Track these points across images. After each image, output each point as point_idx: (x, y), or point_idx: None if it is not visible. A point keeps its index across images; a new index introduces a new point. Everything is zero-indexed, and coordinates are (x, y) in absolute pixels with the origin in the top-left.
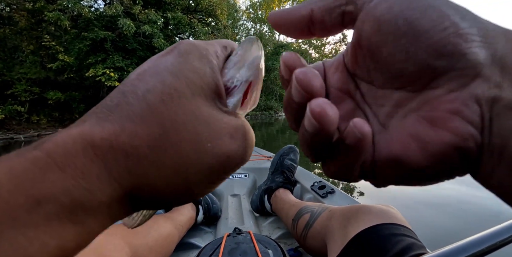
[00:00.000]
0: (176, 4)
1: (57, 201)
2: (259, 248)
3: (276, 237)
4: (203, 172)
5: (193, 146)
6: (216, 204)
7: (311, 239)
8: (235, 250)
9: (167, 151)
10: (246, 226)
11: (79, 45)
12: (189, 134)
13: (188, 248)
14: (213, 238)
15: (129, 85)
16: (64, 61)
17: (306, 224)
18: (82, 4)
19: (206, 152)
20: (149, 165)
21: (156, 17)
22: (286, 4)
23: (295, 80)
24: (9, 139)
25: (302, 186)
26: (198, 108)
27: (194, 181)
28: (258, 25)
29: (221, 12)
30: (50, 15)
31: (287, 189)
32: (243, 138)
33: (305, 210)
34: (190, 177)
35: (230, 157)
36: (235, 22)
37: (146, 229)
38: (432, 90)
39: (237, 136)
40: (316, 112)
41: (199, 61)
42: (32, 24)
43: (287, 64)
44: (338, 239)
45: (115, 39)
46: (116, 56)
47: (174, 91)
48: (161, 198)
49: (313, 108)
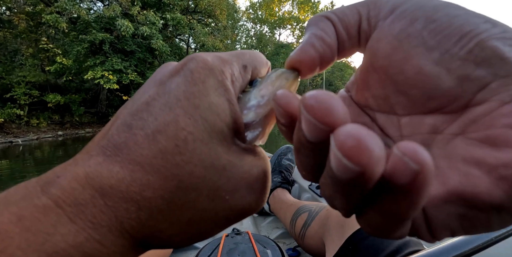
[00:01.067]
0: (175, 4)
1: (68, 256)
2: (257, 248)
3: (275, 237)
4: (219, 223)
5: (211, 201)
6: None
7: (309, 238)
8: (233, 250)
9: (184, 205)
10: (245, 226)
11: (78, 47)
12: (207, 187)
13: (186, 249)
14: (212, 239)
15: (137, 118)
16: (62, 64)
17: (304, 224)
18: (80, 6)
19: (223, 206)
20: (163, 219)
21: (155, 18)
22: (286, 4)
23: (304, 110)
24: (8, 143)
25: (300, 185)
26: (216, 156)
27: (207, 230)
28: (258, 25)
29: (221, 12)
30: (48, 17)
31: (285, 189)
32: (262, 188)
33: (303, 210)
34: (204, 228)
35: (247, 209)
36: (235, 22)
37: None
38: (477, 107)
39: (257, 186)
40: (349, 147)
41: (216, 93)
42: (31, 27)
43: (281, 103)
44: (335, 237)
45: (114, 41)
46: (115, 59)
47: (189, 134)
48: (173, 244)
49: (343, 142)
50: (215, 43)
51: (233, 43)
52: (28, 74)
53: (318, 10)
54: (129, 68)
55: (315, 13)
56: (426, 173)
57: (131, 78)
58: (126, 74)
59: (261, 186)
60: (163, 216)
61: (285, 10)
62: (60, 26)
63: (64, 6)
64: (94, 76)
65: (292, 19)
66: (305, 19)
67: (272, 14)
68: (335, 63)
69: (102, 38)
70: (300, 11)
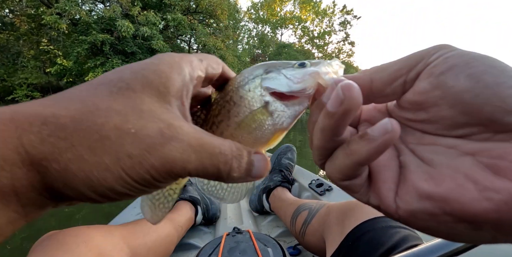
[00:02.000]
0: (176, 5)
1: None
2: (258, 247)
3: (275, 236)
4: (121, 159)
5: (116, 129)
6: (215, 204)
7: (309, 236)
8: (234, 249)
9: (90, 128)
10: (245, 225)
11: (78, 49)
12: (118, 120)
13: (187, 249)
14: (213, 238)
15: (96, 78)
16: (62, 65)
17: (304, 221)
18: (81, 7)
19: (127, 139)
20: (65, 137)
21: (155, 18)
22: (287, 4)
23: (341, 89)
24: None
25: (300, 184)
26: (141, 102)
27: (108, 168)
28: (260, 25)
29: (222, 12)
30: (48, 18)
31: (285, 188)
32: (173, 138)
33: (303, 208)
34: (105, 162)
35: (152, 148)
36: (236, 23)
37: (145, 229)
38: (498, 142)
39: (167, 133)
40: (346, 85)
41: (168, 66)
42: (33, 29)
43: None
44: (335, 234)
45: (114, 42)
46: (115, 60)
47: (125, 85)
48: (71, 183)
49: (344, 84)
50: (217, 43)
51: (234, 43)
52: (30, 76)
53: (320, 10)
54: None
55: (317, 13)
56: (392, 134)
57: None
58: None
59: (172, 135)
60: (65, 133)
61: (286, 10)
62: (60, 27)
63: (64, 7)
64: (95, 78)
65: (294, 19)
66: (307, 19)
67: (273, 14)
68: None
69: (102, 39)
70: (302, 10)
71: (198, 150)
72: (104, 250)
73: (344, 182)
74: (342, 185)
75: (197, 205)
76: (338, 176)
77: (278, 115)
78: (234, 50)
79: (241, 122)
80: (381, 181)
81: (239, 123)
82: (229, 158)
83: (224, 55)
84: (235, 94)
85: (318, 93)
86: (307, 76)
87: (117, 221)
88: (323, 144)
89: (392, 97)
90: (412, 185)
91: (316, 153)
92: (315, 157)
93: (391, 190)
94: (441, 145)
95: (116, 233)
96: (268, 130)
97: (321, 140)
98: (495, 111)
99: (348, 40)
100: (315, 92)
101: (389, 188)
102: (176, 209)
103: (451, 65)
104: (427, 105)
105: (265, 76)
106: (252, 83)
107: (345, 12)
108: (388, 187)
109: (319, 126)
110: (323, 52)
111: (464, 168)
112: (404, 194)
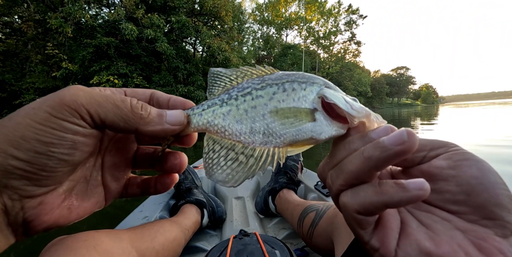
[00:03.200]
0: (180, 7)
1: None
2: (266, 249)
3: (282, 238)
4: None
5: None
6: (221, 207)
7: (317, 237)
8: (242, 251)
9: None
10: (252, 227)
11: (83, 52)
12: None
13: (195, 252)
14: (219, 241)
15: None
16: (68, 69)
17: (312, 223)
18: (86, 11)
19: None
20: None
21: (159, 21)
22: (292, 4)
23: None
24: None
25: (306, 185)
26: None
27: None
28: (265, 27)
29: (226, 13)
30: (53, 22)
31: (291, 189)
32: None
33: (310, 209)
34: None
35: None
36: (241, 24)
37: (153, 233)
38: (482, 227)
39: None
40: (411, 131)
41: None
42: (39, 34)
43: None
44: (344, 235)
45: (119, 45)
46: (120, 63)
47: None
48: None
49: (409, 130)
50: (221, 45)
51: (240, 45)
52: (37, 80)
53: (325, 10)
54: (134, 72)
55: (322, 13)
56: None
57: (136, 82)
58: (131, 78)
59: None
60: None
61: (291, 11)
62: (65, 30)
63: (69, 11)
64: (100, 81)
65: (299, 20)
66: (312, 19)
67: (278, 15)
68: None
69: (107, 42)
70: (307, 11)
71: (102, 100)
72: (114, 254)
73: (359, 215)
74: (355, 217)
75: (203, 208)
76: (356, 208)
77: (320, 126)
78: (239, 52)
79: (281, 110)
80: (389, 228)
81: (278, 110)
82: (133, 103)
83: (229, 57)
84: (288, 83)
85: (356, 129)
86: (363, 110)
87: (124, 225)
88: (357, 171)
89: (408, 164)
90: (415, 241)
91: (342, 177)
92: (339, 180)
93: (395, 238)
94: (437, 215)
95: (125, 237)
96: (303, 132)
97: (359, 167)
98: (488, 199)
99: (354, 40)
100: (354, 127)
101: (394, 236)
102: (182, 212)
103: (467, 158)
104: (438, 178)
105: (324, 88)
106: (310, 86)
107: (350, 12)
108: (394, 235)
109: (364, 155)
110: (329, 53)
111: (457, 239)
112: (405, 245)
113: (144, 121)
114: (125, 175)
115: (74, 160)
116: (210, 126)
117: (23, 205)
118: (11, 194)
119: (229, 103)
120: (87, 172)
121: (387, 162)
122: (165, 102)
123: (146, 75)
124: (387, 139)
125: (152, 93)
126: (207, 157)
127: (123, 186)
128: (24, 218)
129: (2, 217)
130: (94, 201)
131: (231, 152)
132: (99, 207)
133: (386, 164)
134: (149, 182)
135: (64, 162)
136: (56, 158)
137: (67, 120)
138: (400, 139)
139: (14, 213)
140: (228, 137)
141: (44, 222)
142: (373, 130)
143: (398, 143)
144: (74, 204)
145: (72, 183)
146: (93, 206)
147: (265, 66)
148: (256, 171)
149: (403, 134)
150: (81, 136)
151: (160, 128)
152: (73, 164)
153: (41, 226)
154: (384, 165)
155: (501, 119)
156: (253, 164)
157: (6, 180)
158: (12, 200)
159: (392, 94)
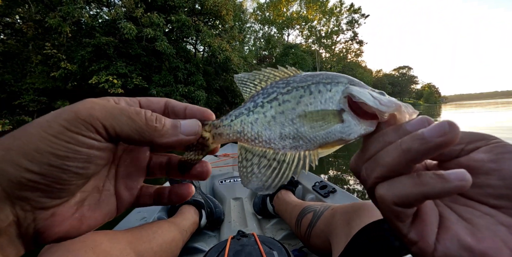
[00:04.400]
0: (180, 6)
1: None
2: (264, 250)
3: (280, 238)
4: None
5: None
6: (219, 208)
7: (315, 238)
8: (240, 252)
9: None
10: (250, 228)
11: (82, 52)
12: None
13: (193, 253)
14: (217, 242)
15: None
16: (66, 69)
17: (309, 223)
18: (85, 10)
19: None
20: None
21: (159, 20)
22: (293, 4)
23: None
24: None
25: (304, 186)
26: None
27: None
28: (266, 26)
29: (227, 12)
30: (51, 22)
31: (289, 190)
32: (88, 101)
33: (308, 210)
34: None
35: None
36: (242, 24)
37: (151, 234)
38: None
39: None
40: (452, 122)
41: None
42: (39, 34)
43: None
44: (342, 235)
45: (118, 45)
46: (119, 62)
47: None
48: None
49: (451, 121)
50: (222, 44)
51: (241, 45)
52: (37, 81)
53: (327, 9)
54: (134, 72)
55: (323, 12)
56: None
57: (135, 82)
58: (130, 78)
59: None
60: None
61: (293, 10)
62: (63, 30)
63: (67, 10)
64: (99, 81)
65: (301, 19)
66: (314, 19)
67: (280, 14)
68: (345, 62)
69: (106, 42)
70: (309, 10)
71: (116, 113)
72: (112, 255)
73: (397, 207)
74: (392, 209)
75: (201, 209)
76: (395, 200)
77: (349, 126)
78: (240, 51)
79: (309, 113)
80: (428, 221)
81: (307, 113)
82: (148, 115)
83: (229, 56)
84: (314, 85)
85: (387, 123)
86: (392, 104)
87: (123, 226)
88: (395, 163)
89: (446, 157)
90: (455, 235)
91: (378, 170)
92: (375, 173)
93: (434, 232)
94: (478, 210)
95: (122, 238)
96: (333, 134)
97: (396, 159)
98: None
99: (356, 39)
100: (385, 121)
101: (433, 230)
102: (181, 213)
103: (510, 150)
104: (479, 171)
105: (350, 86)
106: (335, 86)
107: (352, 11)
108: (432, 229)
109: (402, 147)
110: (331, 52)
111: (501, 235)
112: (445, 239)
113: (159, 133)
114: (138, 184)
115: (88, 173)
116: (241, 136)
117: (36, 217)
118: (24, 205)
119: (256, 112)
120: (99, 183)
121: (426, 154)
122: (181, 112)
123: (146, 75)
124: (426, 131)
125: (166, 102)
126: (241, 165)
127: (136, 196)
128: (35, 229)
129: (14, 229)
130: (105, 211)
131: (263, 159)
132: (109, 217)
133: (425, 157)
134: (163, 192)
135: (79, 175)
136: (71, 171)
137: (82, 134)
138: (442, 130)
139: (26, 224)
140: (259, 144)
141: (55, 233)
142: (408, 122)
143: (439, 134)
144: (85, 215)
145: (85, 193)
146: (104, 216)
147: (287, 67)
148: (290, 175)
149: (445, 125)
150: (96, 149)
151: (175, 139)
152: (87, 177)
153: (52, 237)
154: (423, 158)
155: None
156: (286, 168)
157: (19, 192)
158: (25, 212)
159: (395, 94)
